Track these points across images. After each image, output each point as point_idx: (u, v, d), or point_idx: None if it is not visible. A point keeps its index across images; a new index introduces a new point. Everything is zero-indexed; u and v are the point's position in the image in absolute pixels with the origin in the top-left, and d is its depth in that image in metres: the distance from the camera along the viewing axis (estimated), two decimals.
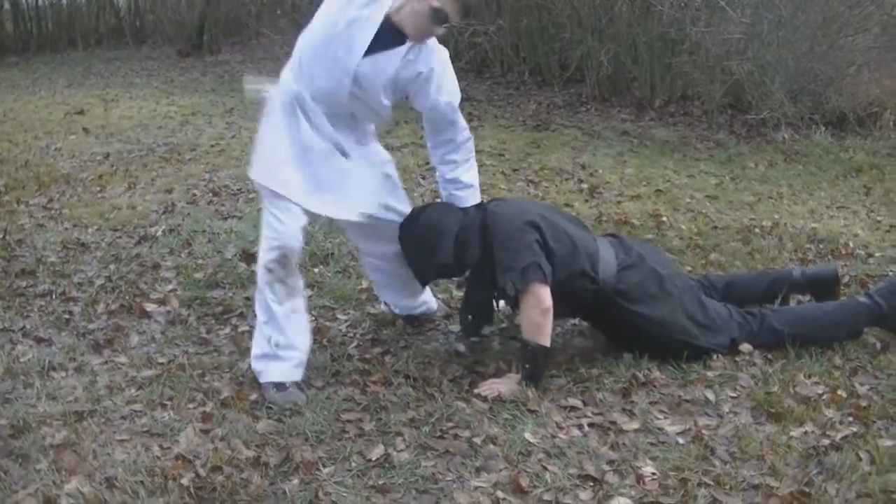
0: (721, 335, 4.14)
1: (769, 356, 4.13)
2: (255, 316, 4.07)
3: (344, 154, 4.01)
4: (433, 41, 4.02)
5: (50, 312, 4.85)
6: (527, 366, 3.90)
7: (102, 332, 4.58)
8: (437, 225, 4.09)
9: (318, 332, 4.46)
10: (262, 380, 3.95)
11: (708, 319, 4.15)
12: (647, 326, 4.08)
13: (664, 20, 9.43)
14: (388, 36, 3.89)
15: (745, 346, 4.18)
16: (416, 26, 3.89)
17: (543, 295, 3.87)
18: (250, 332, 4.52)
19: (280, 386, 3.91)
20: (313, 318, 4.61)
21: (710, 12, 9.50)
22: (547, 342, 3.88)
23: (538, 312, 3.86)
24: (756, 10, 9.37)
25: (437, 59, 4.00)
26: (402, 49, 3.91)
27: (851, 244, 5.81)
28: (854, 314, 4.30)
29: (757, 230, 6.13)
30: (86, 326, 4.67)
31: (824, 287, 4.61)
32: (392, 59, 3.91)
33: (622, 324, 4.15)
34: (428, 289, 4.65)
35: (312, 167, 3.98)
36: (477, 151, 7.96)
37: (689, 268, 5.37)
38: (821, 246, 5.81)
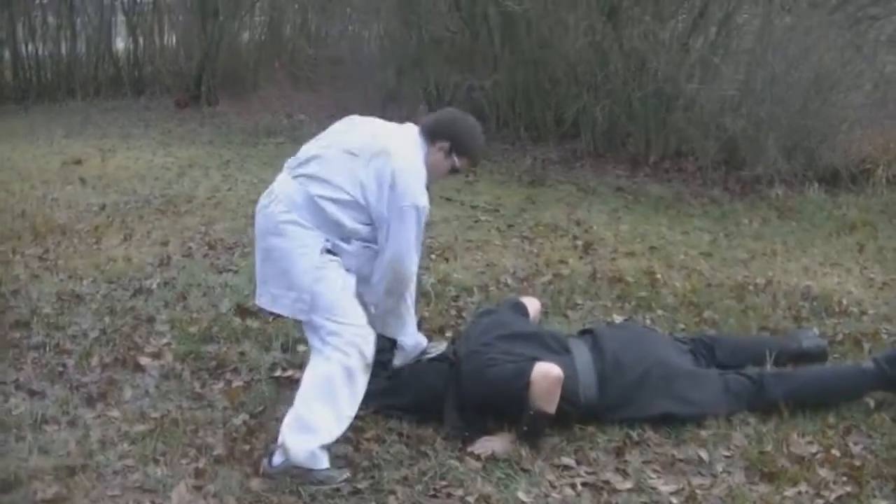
0: (716, 409, 4.14)
1: (763, 416, 4.13)
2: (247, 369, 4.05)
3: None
4: None
5: (43, 365, 4.84)
6: (525, 428, 3.90)
7: (96, 386, 4.57)
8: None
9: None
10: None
11: (702, 398, 4.15)
12: (638, 421, 4.10)
13: (659, 76, 9.50)
14: None
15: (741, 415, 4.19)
16: (436, 173, 4.12)
17: (549, 367, 3.91)
18: (244, 388, 4.54)
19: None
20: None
21: (704, 69, 9.58)
22: (552, 410, 3.90)
23: (550, 382, 3.89)
24: (749, 67, 9.45)
25: None
26: None
27: (845, 301, 5.83)
28: (856, 382, 4.31)
29: (751, 287, 6.14)
30: (79, 379, 4.66)
31: (815, 361, 4.76)
32: None
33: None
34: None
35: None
36: (472, 207, 8.11)
37: (682, 325, 5.39)
38: (814, 303, 5.82)
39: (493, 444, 3.89)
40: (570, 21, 9.80)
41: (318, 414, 3.72)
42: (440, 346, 4.45)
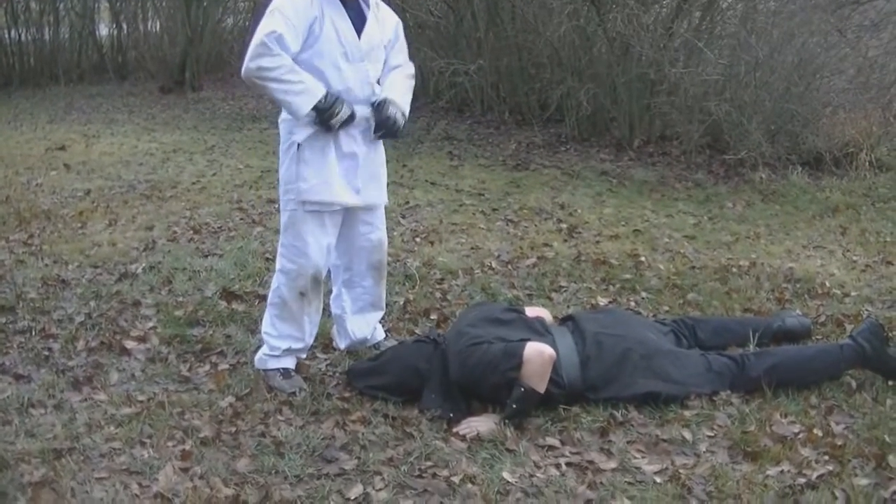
0: (699, 387, 4.17)
1: (746, 396, 4.16)
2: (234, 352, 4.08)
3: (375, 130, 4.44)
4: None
5: (29, 349, 4.83)
6: (514, 406, 3.92)
7: (82, 370, 4.57)
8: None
9: (297, 370, 4.47)
10: (269, 366, 4.45)
11: (683, 376, 4.18)
12: (622, 401, 4.12)
13: (643, 61, 9.52)
14: (348, 5, 4.31)
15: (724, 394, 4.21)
16: None
17: (541, 346, 3.94)
18: (230, 370, 4.55)
19: (286, 373, 4.40)
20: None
21: (688, 53, 9.61)
22: (542, 389, 3.93)
23: (543, 360, 3.93)
24: (733, 51, 9.47)
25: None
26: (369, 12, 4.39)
27: (828, 284, 5.87)
28: (836, 359, 4.34)
29: (734, 270, 6.17)
30: (65, 363, 4.66)
31: (798, 338, 4.83)
32: (374, 25, 4.39)
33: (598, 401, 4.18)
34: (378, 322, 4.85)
35: (357, 169, 4.39)
36: (457, 191, 8.12)
37: (666, 308, 5.41)
38: (797, 286, 5.85)
39: (477, 424, 3.91)
40: (555, 5, 9.81)
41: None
42: None
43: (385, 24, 4.49)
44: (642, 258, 6.37)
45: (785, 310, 5.28)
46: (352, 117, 4.27)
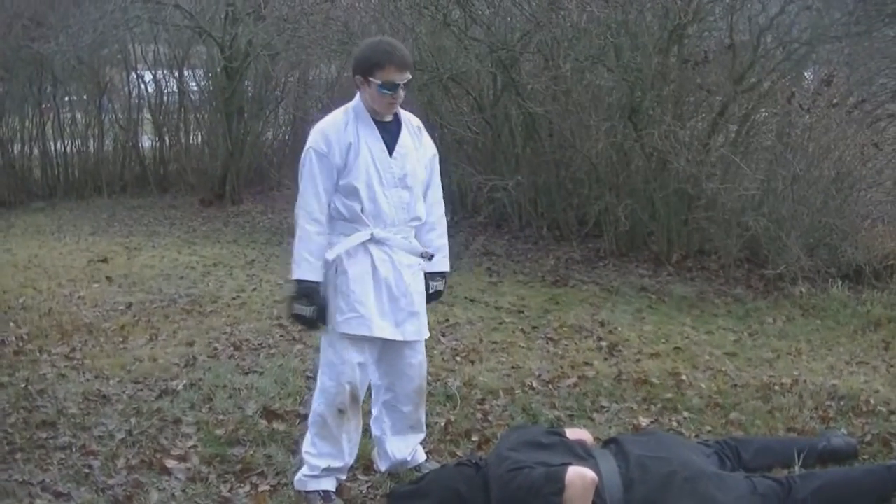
0: None
1: None
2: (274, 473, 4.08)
3: (429, 257, 4.57)
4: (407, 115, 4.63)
5: (70, 466, 4.85)
6: None
7: (122, 489, 4.58)
8: None
9: (338, 493, 4.45)
10: (308, 488, 4.50)
11: (729, 499, 4.12)
12: None
13: (680, 176, 9.57)
14: (384, 128, 4.43)
15: None
16: (374, 102, 4.41)
17: (583, 470, 3.93)
18: (270, 492, 4.53)
19: (326, 496, 4.47)
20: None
21: (724, 168, 9.65)
22: None
23: (585, 484, 3.95)
24: (770, 165, 9.51)
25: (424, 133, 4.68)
26: (403, 128, 4.50)
27: (872, 401, 5.78)
28: (884, 479, 4.29)
29: (777, 388, 6.10)
30: (105, 482, 4.67)
31: (844, 459, 4.76)
32: (412, 150, 4.52)
33: None
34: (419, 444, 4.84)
35: (393, 302, 4.45)
36: (496, 308, 8.12)
37: (709, 427, 5.37)
38: (841, 403, 5.77)
39: None
40: (592, 122, 9.91)
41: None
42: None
43: (425, 151, 4.59)
44: (683, 377, 6.33)
45: (830, 429, 5.22)
46: (310, 322, 4.45)
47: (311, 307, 4.38)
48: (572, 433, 4.63)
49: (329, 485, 4.49)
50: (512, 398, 5.90)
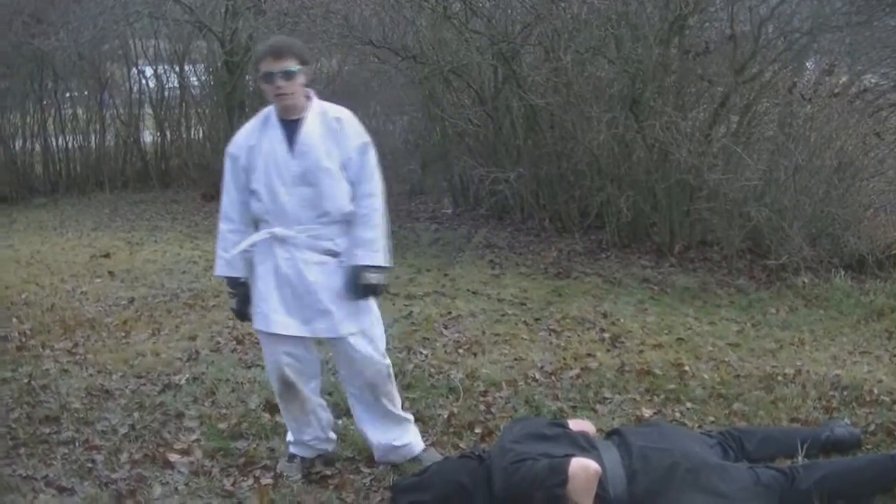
0: (747, 502, 4.11)
1: None
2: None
3: (334, 254, 4.54)
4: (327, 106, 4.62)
5: (73, 461, 4.87)
6: None
7: (125, 483, 4.59)
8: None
9: (342, 486, 4.46)
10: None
11: (731, 490, 4.11)
12: None
13: (682, 167, 9.55)
14: (289, 126, 4.51)
15: None
16: (272, 100, 4.52)
17: (587, 461, 3.93)
18: (274, 485, 4.54)
19: (291, 457, 4.78)
20: (337, 471, 4.63)
21: (726, 159, 9.64)
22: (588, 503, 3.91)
23: (589, 475, 3.94)
24: (772, 156, 9.50)
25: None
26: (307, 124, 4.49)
27: (876, 391, 5.77)
28: (887, 469, 4.28)
29: (780, 378, 6.09)
30: (109, 476, 4.68)
31: (847, 449, 4.75)
32: (320, 146, 4.48)
33: None
34: (415, 428, 4.87)
35: (298, 299, 4.51)
36: (499, 300, 8.11)
37: (712, 418, 5.36)
38: (845, 393, 5.76)
39: None
40: (593, 114, 9.89)
41: None
42: None
43: (344, 143, 4.53)
44: (686, 367, 6.32)
45: (833, 419, 5.20)
46: (237, 313, 4.77)
47: (234, 299, 4.69)
48: (575, 424, 4.62)
49: (296, 450, 4.79)
50: (515, 390, 5.90)
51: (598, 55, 10.22)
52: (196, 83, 17.27)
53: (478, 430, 5.20)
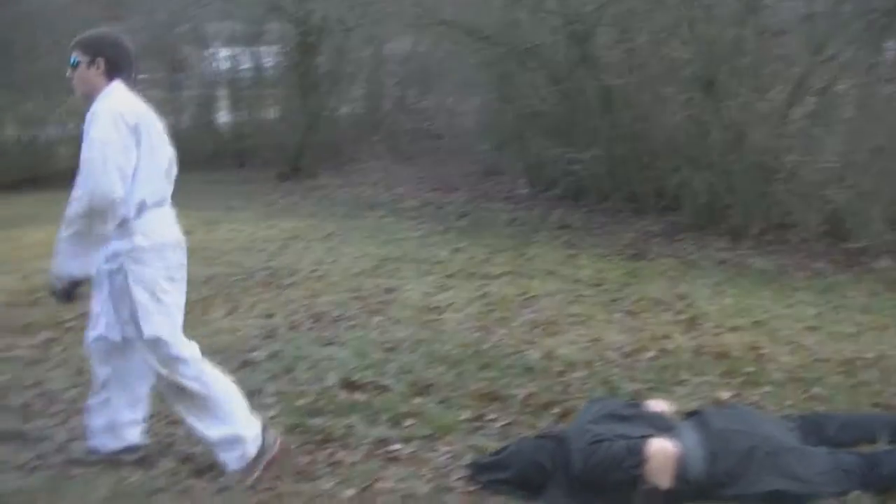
0: (827, 487, 4.06)
1: (879, 496, 4.04)
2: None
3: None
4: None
5: (154, 434, 4.93)
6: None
7: (204, 457, 4.63)
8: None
9: (419, 463, 4.47)
10: None
11: (810, 474, 4.06)
12: (747, 499, 4.04)
13: (758, 148, 9.44)
14: None
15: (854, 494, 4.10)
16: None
17: (665, 442, 3.92)
18: (351, 462, 4.56)
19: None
20: (414, 449, 4.65)
21: (804, 140, 9.51)
22: (666, 485, 3.91)
23: (667, 457, 3.94)
24: (852, 137, 9.35)
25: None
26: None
27: None
28: None
29: (860, 363, 6.00)
30: (188, 451, 4.73)
31: None
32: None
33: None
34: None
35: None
36: (575, 281, 8.06)
37: (790, 402, 5.29)
38: None
39: None
40: (668, 94, 9.81)
41: None
42: None
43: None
44: (764, 351, 6.24)
45: None
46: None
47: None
48: (652, 404, 4.61)
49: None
50: (591, 371, 5.87)
51: (672, 36, 10.12)
52: (270, 64, 17.39)
53: (555, 410, 5.18)
